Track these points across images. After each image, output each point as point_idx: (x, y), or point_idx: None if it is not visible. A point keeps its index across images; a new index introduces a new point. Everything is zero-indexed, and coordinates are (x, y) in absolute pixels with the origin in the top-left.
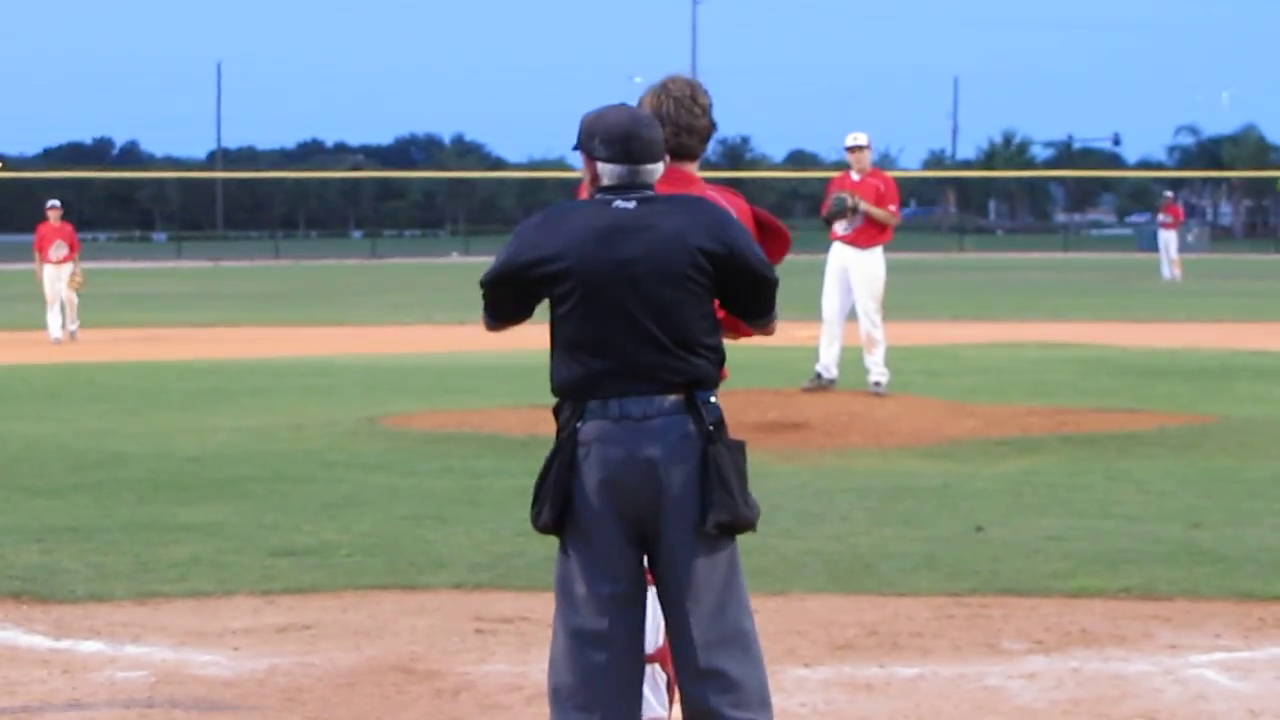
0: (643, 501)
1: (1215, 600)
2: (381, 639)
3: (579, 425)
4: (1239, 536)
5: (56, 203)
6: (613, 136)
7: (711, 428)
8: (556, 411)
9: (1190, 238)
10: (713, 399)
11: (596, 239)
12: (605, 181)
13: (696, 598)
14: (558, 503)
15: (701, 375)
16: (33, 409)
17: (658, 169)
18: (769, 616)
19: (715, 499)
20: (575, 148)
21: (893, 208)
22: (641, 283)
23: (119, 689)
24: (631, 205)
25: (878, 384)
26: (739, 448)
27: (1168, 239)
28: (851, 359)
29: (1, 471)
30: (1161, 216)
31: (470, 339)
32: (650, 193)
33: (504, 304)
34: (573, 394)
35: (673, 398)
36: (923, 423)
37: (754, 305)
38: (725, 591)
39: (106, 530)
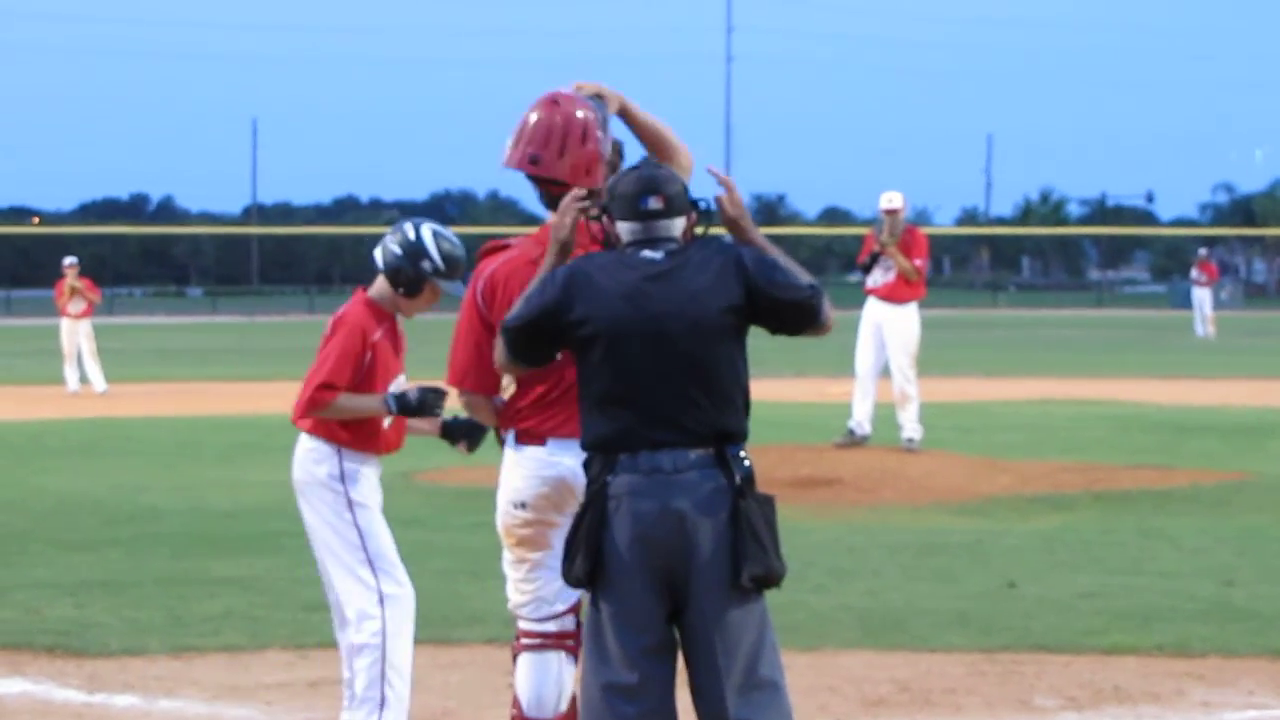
0: (673, 555)
1: (1249, 658)
2: (415, 694)
3: (610, 479)
4: (1273, 594)
5: (73, 260)
6: (627, 195)
7: (741, 481)
8: (587, 466)
9: (1224, 295)
10: (742, 453)
11: (625, 294)
12: (625, 239)
13: (729, 652)
14: (589, 556)
15: (731, 429)
16: (67, 463)
17: (675, 224)
18: (801, 672)
19: (748, 552)
20: (601, 212)
21: (918, 261)
22: (670, 337)
23: None
24: (659, 256)
25: (910, 440)
26: (768, 501)
27: (1202, 296)
28: (884, 415)
29: (36, 525)
30: (1195, 274)
31: None
32: (676, 244)
33: (523, 349)
34: (603, 447)
35: (703, 451)
36: (956, 479)
37: (797, 324)
38: (758, 645)
39: (140, 584)
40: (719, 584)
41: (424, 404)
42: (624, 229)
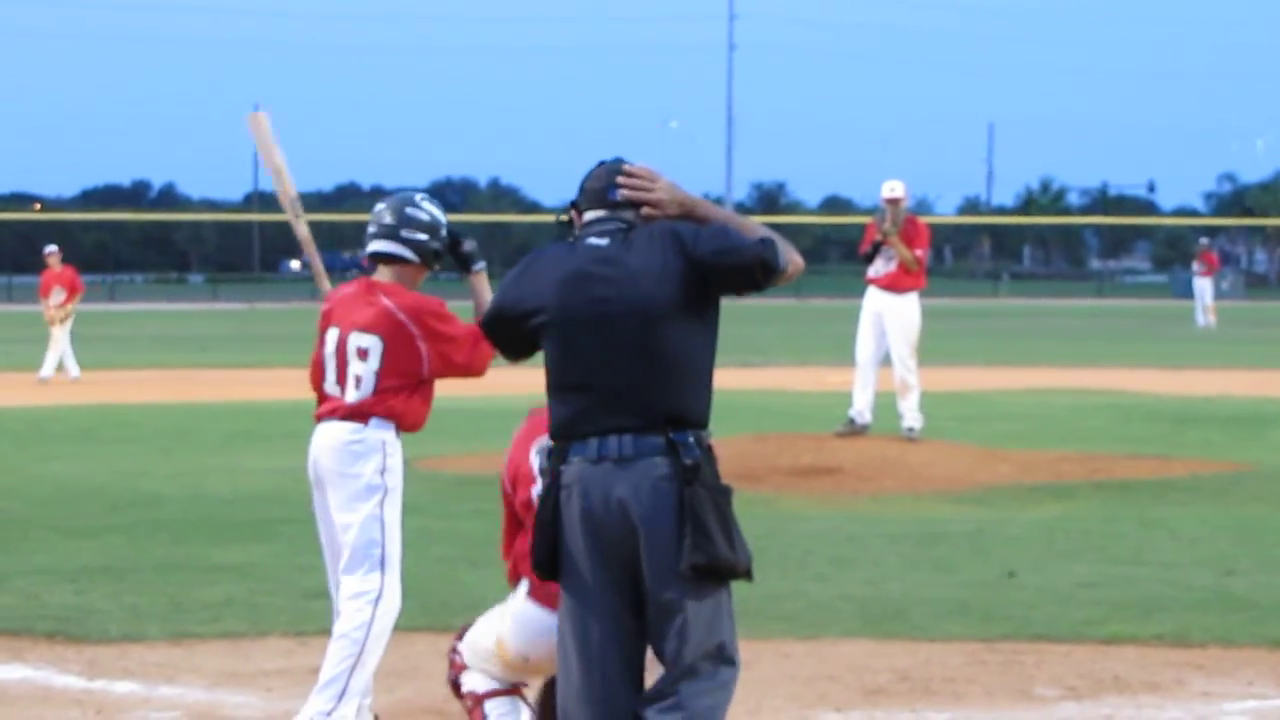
0: (622, 543)
1: (1248, 648)
2: (414, 680)
3: (563, 467)
4: (1272, 584)
5: (53, 248)
6: (595, 190)
7: (690, 468)
8: (550, 455)
9: (1224, 285)
10: (691, 439)
11: (569, 280)
12: (588, 219)
13: (672, 637)
14: (543, 545)
15: (681, 413)
16: (68, 449)
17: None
18: (801, 661)
19: (692, 541)
20: (569, 207)
21: (920, 252)
22: (613, 320)
23: None
24: (604, 242)
25: (911, 429)
26: (722, 490)
27: (1203, 286)
28: (885, 404)
29: (36, 512)
30: (1196, 265)
31: (504, 381)
32: (624, 228)
33: (505, 343)
34: (561, 435)
35: (652, 437)
36: (956, 468)
37: (752, 281)
38: (710, 634)
39: (140, 571)
40: (667, 572)
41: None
42: (589, 217)
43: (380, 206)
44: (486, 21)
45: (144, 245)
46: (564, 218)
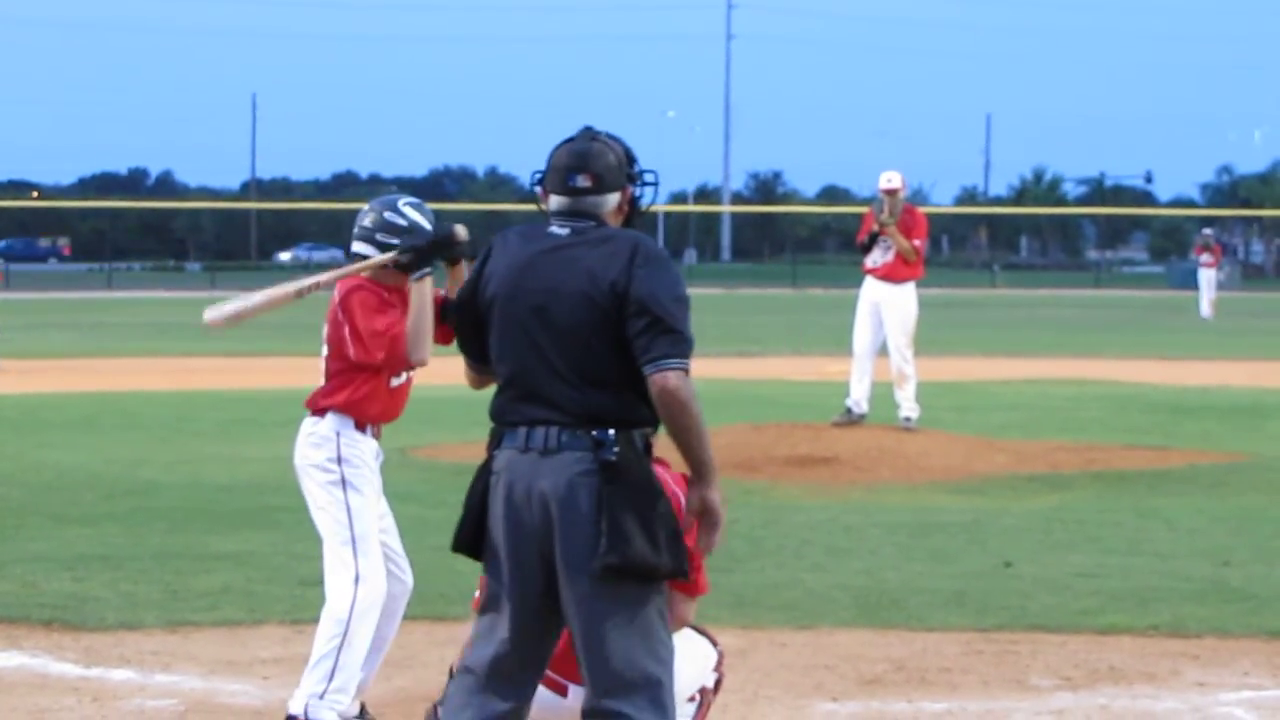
0: (541, 535)
1: (1244, 638)
2: (411, 670)
3: (495, 453)
4: (1269, 575)
5: None
6: (558, 169)
7: (611, 465)
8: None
9: (1222, 276)
10: (614, 436)
11: (520, 266)
12: (551, 209)
13: (590, 640)
14: (466, 527)
15: (605, 411)
16: (65, 437)
17: (605, 200)
18: (797, 650)
19: (607, 540)
20: (537, 182)
21: (917, 242)
22: (551, 312)
23: (148, 717)
24: (564, 232)
25: (908, 419)
26: (645, 489)
27: (1209, 277)
28: (882, 394)
29: (34, 499)
30: (1205, 255)
31: None
32: (589, 223)
33: (464, 335)
34: (496, 420)
35: (578, 432)
36: (953, 458)
37: (643, 344)
38: (628, 636)
39: (137, 559)
40: (580, 570)
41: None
42: (553, 202)
43: (365, 208)
44: (486, 9)
45: (141, 233)
46: (539, 206)
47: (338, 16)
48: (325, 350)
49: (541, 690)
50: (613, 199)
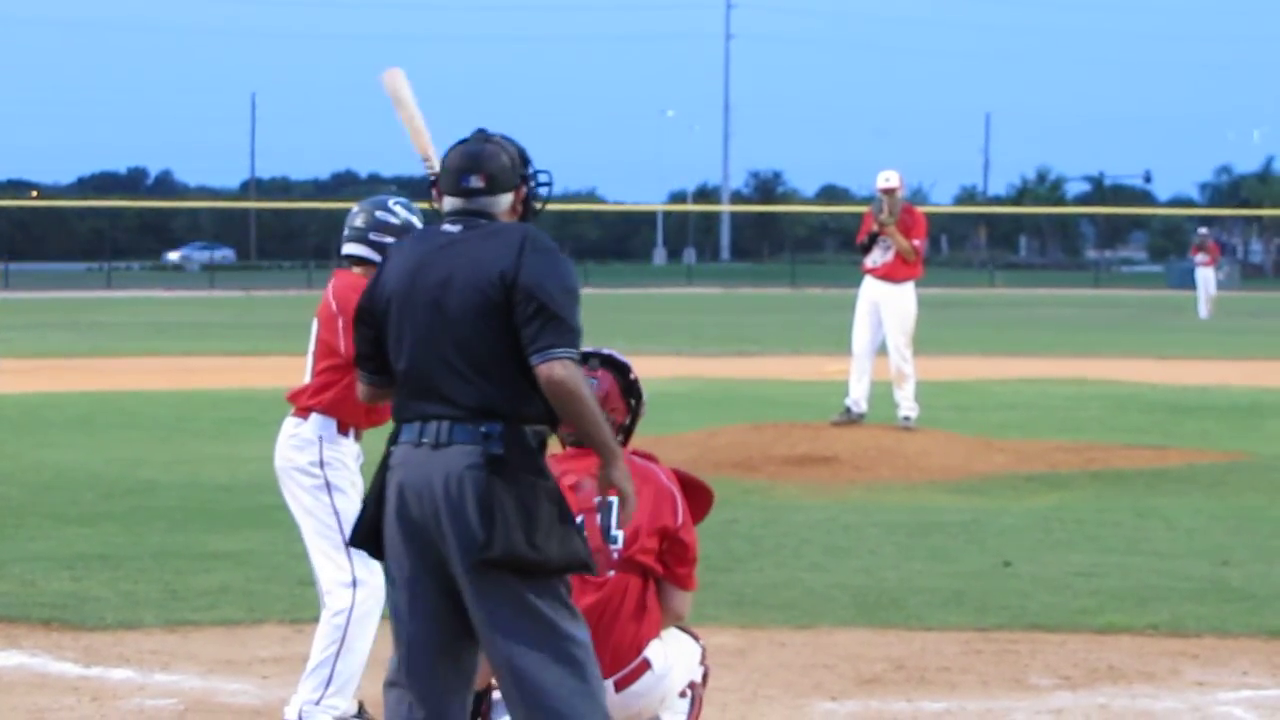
0: (433, 531)
1: (1243, 637)
2: None
3: (393, 448)
4: (1268, 574)
5: None
6: (450, 170)
7: (494, 459)
8: None
9: (1221, 275)
10: (501, 430)
11: (413, 266)
12: (445, 210)
13: (481, 634)
14: (364, 522)
15: (497, 404)
16: (64, 437)
17: (498, 200)
18: (796, 650)
19: (488, 534)
20: (431, 183)
21: (917, 242)
22: (441, 307)
23: (148, 716)
24: (456, 230)
25: (907, 419)
26: (531, 485)
27: (1206, 276)
28: (882, 393)
29: (33, 499)
30: (1201, 255)
31: None
32: (481, 220)
33: (364, 348)
34: (395, 416)
35: (468, 426)
36: (952, 458)
37: (531, 333)
38: (516, 634)
39: (137, 558)
40: (465, 563)
41: None
42: (447, 203)
43: (355, 209)
44: (483, 9)
45: (141, 232)
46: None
47: (337, 16)
48: (313, 347)
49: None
50: (506, 199)
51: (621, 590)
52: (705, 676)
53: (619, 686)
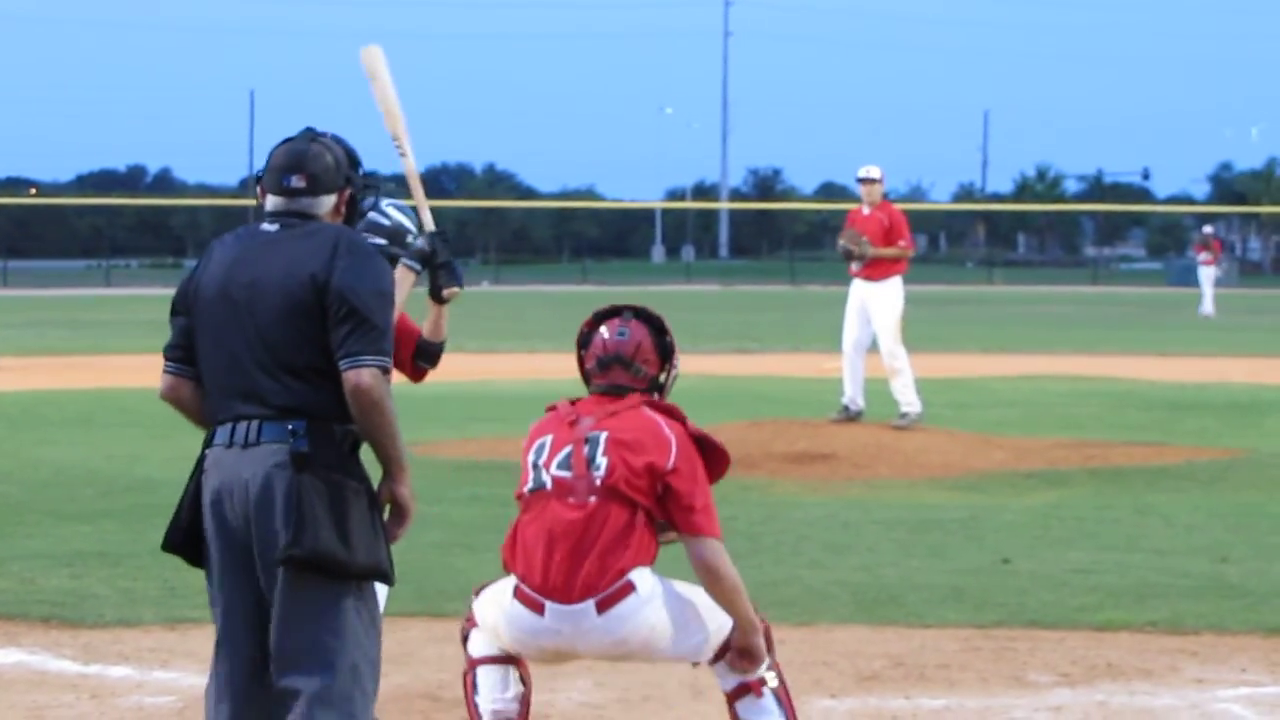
0: (244, 532)
1: (1242, 635)
2: (409, 666)
3: (207, 451)
4: (1267, 571)
5: None
6: (274, 169)
7: (299, 457)
8: None
9: (1220, 273)
10: (306, 428)
11: (228, 265)
12: (267, 208)
13: (277, 629)
14: (177, 527)
15: (306, 403)
16: (64, 434)
17: (320, 201)
18: (795, 647)
19: (293, 533)
20: (256, 180)
21: (902, 243)
22: (252, 306)
23: (147, 714)
24: (274, 229)
25: (904, 415)
26: (339, 484)
27: (1207, 275)
28: (881, 391)
29: (32, 496)
30: (1204, 253)
31: (499, 368)
32: (300, 221)
33: (177, 339)
34: (209, 419)
35: (276, 425)
36: (951, 455)
37: (339, 338)
38: (315, 637)
39: (136, 556)
40: (270, 563)
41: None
42: (269, 202)
43: None
44: (483, 6)
45: (140, 230)
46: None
47: (335, 12)
48: None
49: (519, 609)
50: (328, 200)
51: (603, 516)
52: (779, 674)
53: (600, 608)
